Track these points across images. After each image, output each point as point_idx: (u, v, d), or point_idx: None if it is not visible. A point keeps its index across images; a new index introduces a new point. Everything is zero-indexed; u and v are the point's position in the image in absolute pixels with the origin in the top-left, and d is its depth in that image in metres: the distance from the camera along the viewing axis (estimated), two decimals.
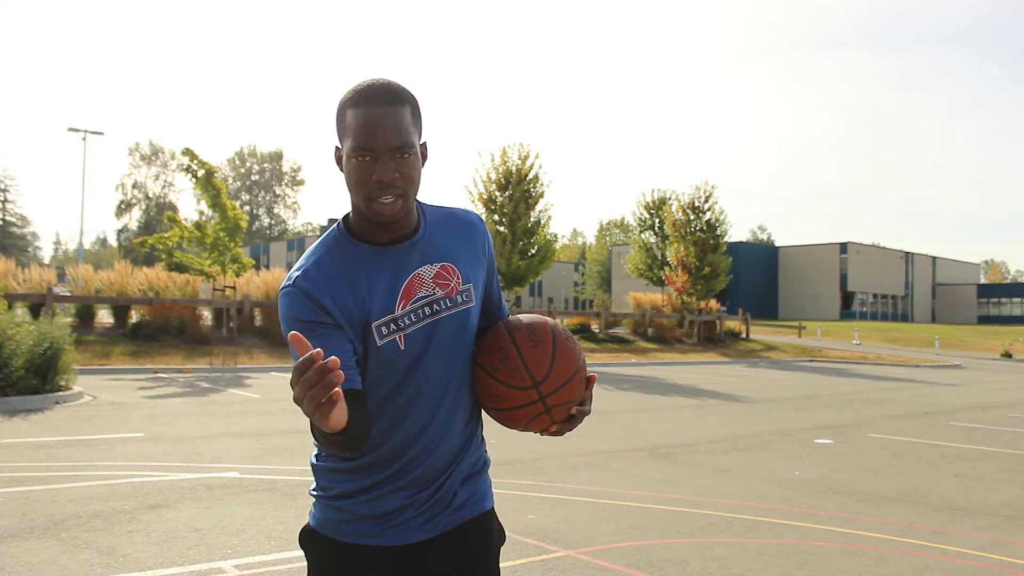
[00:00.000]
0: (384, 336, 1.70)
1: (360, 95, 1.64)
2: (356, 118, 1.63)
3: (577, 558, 4.74)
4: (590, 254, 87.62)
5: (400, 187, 1.64)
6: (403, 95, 1.66)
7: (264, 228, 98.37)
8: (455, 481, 1.83)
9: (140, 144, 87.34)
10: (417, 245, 1.76)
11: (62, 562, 4.49)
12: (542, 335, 1.78)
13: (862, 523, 5.76)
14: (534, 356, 1.75)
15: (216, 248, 20.97)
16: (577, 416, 1.81)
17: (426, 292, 1.74)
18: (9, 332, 11.21)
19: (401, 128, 1.63)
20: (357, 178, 1.64)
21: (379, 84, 1.65)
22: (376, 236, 1.73)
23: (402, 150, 1.63)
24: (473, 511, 1.85)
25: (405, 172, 1.65)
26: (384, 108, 1.62)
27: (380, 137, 1.61)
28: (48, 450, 7.83)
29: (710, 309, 32.80)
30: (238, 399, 12.53)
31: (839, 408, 13.52)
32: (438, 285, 1.75)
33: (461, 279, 1.79)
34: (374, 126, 1.61)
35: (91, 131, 37.85)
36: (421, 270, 1.74)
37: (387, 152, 1.62)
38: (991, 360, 31.95)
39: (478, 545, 1.84)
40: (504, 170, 26.45)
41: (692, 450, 8.75)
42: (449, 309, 1.76)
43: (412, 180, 1.67)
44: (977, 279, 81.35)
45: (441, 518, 1.81)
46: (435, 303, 1.74)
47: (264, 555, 4.69)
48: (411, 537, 1.79)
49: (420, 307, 1.73)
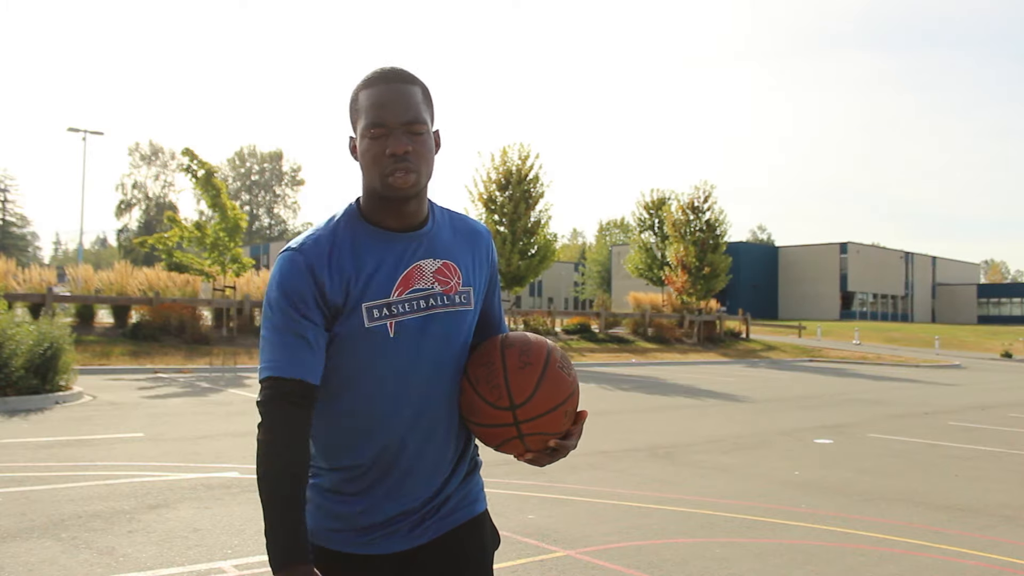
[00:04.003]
0: (374, 319, 1.66)
1: (372, 77, 1.68)
2: (368, 97, 1.65)
3: (577, 558, 4.73)
4: (590, 254, 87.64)
5: (413, 162, 1.64)
6: (413, 77, 1.70)
7: (264, 228, 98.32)
8: (448, 486, 1.79)
9: (140, 144, 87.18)
10: (424, 237, 1.73)
11: (62, 562, 4.49)
12: (534, 358, 1.72)
13: (862, 523, 5.76)
14: (518, 378, 1.70)
15: (216, 248, 20.97)
16: (558, 450, 1.75)
17: (425, 285, 1.71)
18: (9, 332, 11.21)
19: (412, 104, 1.65)
20: (372, 155, 1.64)
21: (389, 67, 1.69)
22: (385, 221, 1.70)
23: (414, 126, 1.64)
24: (465, 515, 1.81)
25: (417, 148, 1.65)
26: (396, 85, 1.65)
27: (392, 112, 1.63)
28: (48, 450, 7.83)
29: (710, 309, 32.80)
30: (238, 399, 12.53)
31: (839, 408, 13.52)
32: (437, 280, 1.72)
33: (462, 280, 1.76)
34: (386, 102, 1.64)
35: (91, 131, 37.87)
36: (423, 262, 1.72)
37: (400, 127, 1.63)
38: (991, 360, 31.94)
39: (471, 549, 1.80)
40: (504, 170, 26.45)
41: (692, 450, 8.75)
42: (445, 307, 1.72)
43: (424, 157, 1.66)
44: (977, 279, 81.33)
45: (431, 523, 1.77)
46: (432, 297, 1.71)
47: (264, 555, 4.67)
48: (402, 544, 1.75)
49: (416, 298, 1.70)
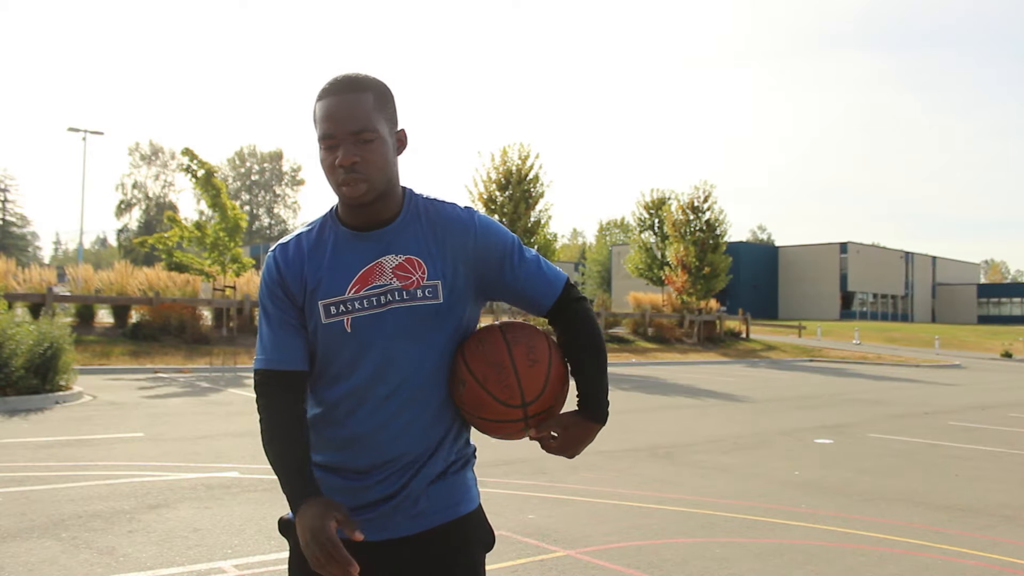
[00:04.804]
0: (331, 316, 1.74)
1: (324, 89, 1.72)
2: (320, 109, 1.70)
3: (577, 558, 4.73)
4: (590, 254, 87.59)
5: (363, 171, 1.68)
6: (364, 83, 1.72)
7: (264, 228, 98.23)
8: (419, 484, 1.76)
9: (140, 144, 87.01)
10: (387, 235, 1.77)
11: (62, 562, 4.49)
12: (540, 354, 1.78)
13: (862, 523, 5.76)
14: (529, 376, 1.75)
15: (216, 248, 20.98)
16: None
17: (383, 281, 1.74)
18: (9, 332, 11.21)
19: (358, 114, 1.68)
20: (327, 165, 1.71)
21: (341, 76, 1.72)
22: (352, 221, 1.78)
23: (361, 135, 1.68)
24: (448, 515, 1.79)
25: (366, 156, 1.68)
26: (343, 96, 1.68)
27: (340, 123, 1.67)
28: (48, 450, 7.83)
29: (710, 309, 32.78)
30: (238, 399, 12.53)
31: (839, 408, 13.52)
32: (396, 276, 1.75)
33: (427, 275, 1.76)
34: (334, 114, 1.68)
35: (91, 131, 37.92)
36: (384, 259, 1.75)
37: (348, 137, 1.67)
38: (991, 360, 31.95)
39: (452, 550, 1.78)
40: (504, 170, 26.44)
41: (692, 450, 8.75)
42: (403, 301, 1.74)
43: (375, 164, 1.70)
44: (977, 279, 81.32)
45: (398, 521, 1.76)
46: (388, 293, 1.74)
47: (264, 555, 4.69)
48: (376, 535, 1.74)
49: (372, 295, 1.74)
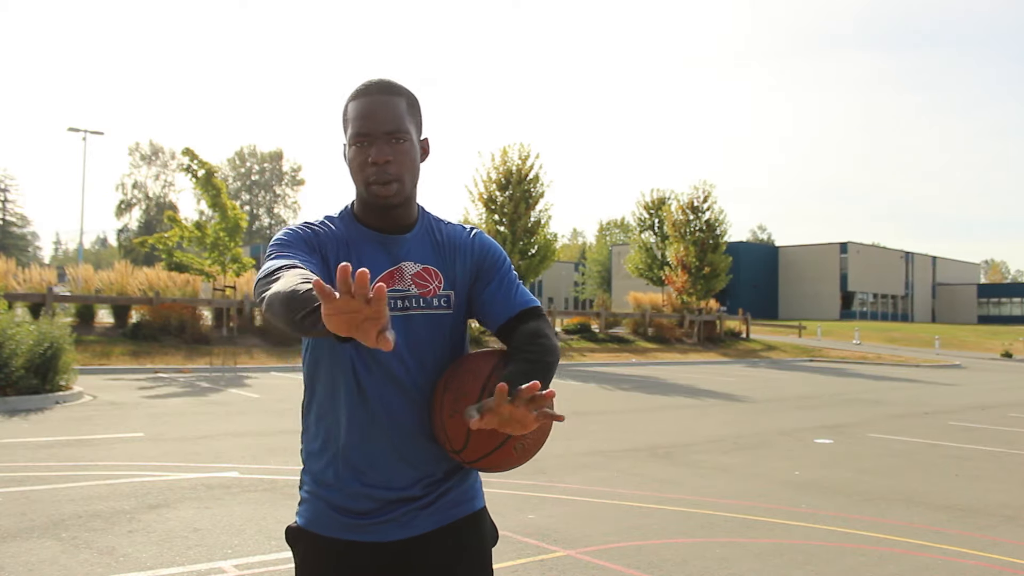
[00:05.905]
0: None
1: (359, 89, 1.76)
2: (354, 108, 1.74)
3: (577, 558, 4.73)
4: (590, 254, 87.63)
5: (394, 172, 1.70)
6: (398, 88, 1.76)
7: (264, 228, 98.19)
8: (435, 481, 1.79)
9: (140, 144, 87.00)
10: (408, 241, 1.79)
11: (62, 562, 4.49)
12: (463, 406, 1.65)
13: (862, 523, 5.76)
14: (451, 426, 1.68)
15: (216, 248, 20.97)
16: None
17: (403, 287, 1.75)
18: (9, 332, 11.21)
19: (395, 115, 1.72)
20: (358, 163, 1.72)
21: (376, 79, 1.77)
22: (372, 223, 1.78)
23: (396, 135, 1.71)
24: (462, 511, 1.82)
25: (400, 157, 1.71)
26: (379, 96, 1.73)
27: (375, 122, 1.70)
28: (48, 450, 7.83)
29: (710, 309, 32.78)
30: (238, 399, 12.53)
31: (839, 408, 13.52)
32: (415, 283, 1.76)
33: (443, 284, 1.79)
34: (370, 113, 1.71)
35: (91, 131, 37.79)
36: (404, 264, 1.77)
37: (382, 136, 1.70)
38: (991, 360, 31.94)
39: (467, 545, 1.81)
40: (504, 170, 26.45)
41: (692, 450, 8.74)
42: (422, 309, 1.76)
43: (407, 166, 1.72)
44: (977, 279, 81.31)
45: (421, 519, 1.77)
46: (408, 299, 1.75)
47: (264, 555, 4.69)
48: (393, 534, 1.76)
49: (393, 299, 1.74)
